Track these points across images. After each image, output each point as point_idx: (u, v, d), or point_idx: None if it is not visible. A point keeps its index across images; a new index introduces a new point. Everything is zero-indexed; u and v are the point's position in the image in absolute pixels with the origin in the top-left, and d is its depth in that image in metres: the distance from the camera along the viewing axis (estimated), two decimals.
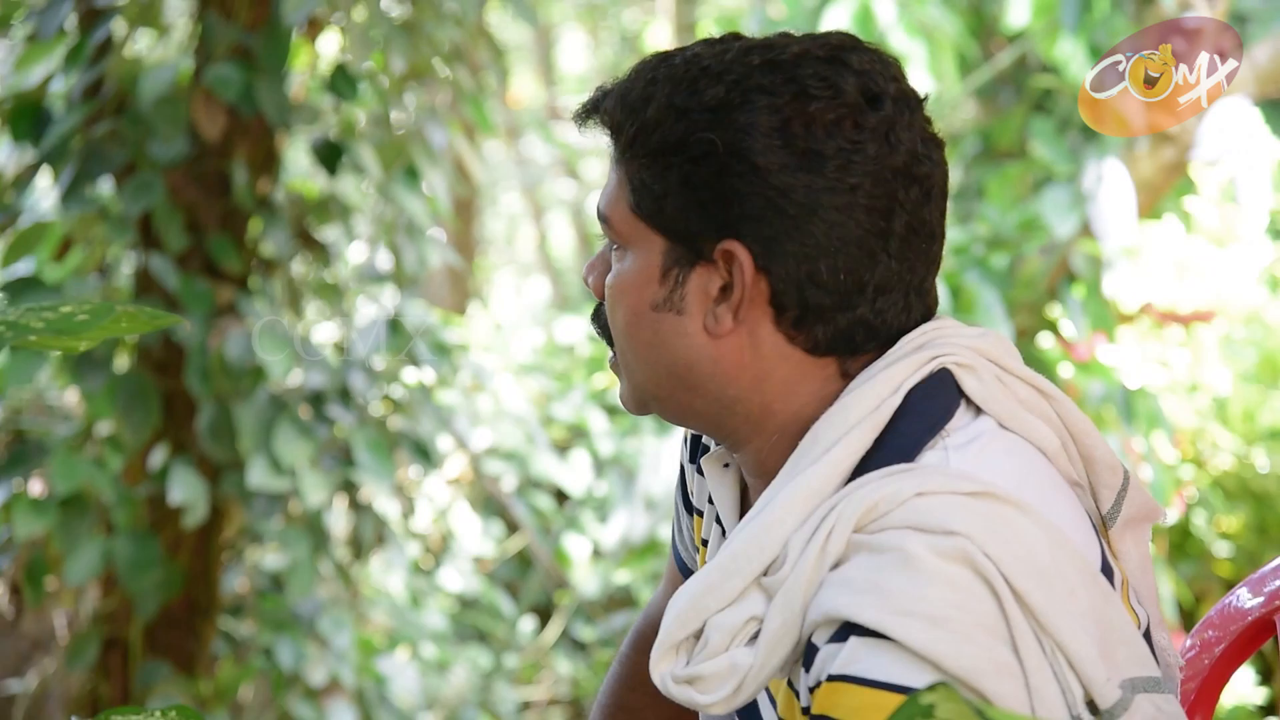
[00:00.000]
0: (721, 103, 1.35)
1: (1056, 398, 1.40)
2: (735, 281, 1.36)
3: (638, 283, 1.40)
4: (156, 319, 1.10)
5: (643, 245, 1.39)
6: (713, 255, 1.37)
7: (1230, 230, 5.30)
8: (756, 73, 1.35)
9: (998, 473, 1.30)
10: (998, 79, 5.78)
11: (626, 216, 1.40)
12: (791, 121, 1.34)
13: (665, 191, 1.37)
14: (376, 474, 3.88)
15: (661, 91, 1.37)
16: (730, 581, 1.31)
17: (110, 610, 3.82)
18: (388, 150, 3.90)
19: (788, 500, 1.31)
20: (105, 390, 3.56)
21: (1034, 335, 4.73)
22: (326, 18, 3.91)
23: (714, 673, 1.30)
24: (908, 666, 1.20)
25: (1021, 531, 1.25)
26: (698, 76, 1.37)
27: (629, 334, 1.41)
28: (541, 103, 11.81)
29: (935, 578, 1.22)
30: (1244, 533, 5.12)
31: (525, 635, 5.65)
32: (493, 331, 6.89)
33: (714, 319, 1.38)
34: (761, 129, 1.34)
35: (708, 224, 1.36)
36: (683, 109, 1.36)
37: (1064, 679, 1.23)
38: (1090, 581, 1.28)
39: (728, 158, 1.34)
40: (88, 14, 3.58)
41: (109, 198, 3.63)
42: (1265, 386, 5.17)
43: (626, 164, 1.39)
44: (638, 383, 1.43)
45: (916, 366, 1.36)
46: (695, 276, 1.38)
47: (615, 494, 5.63)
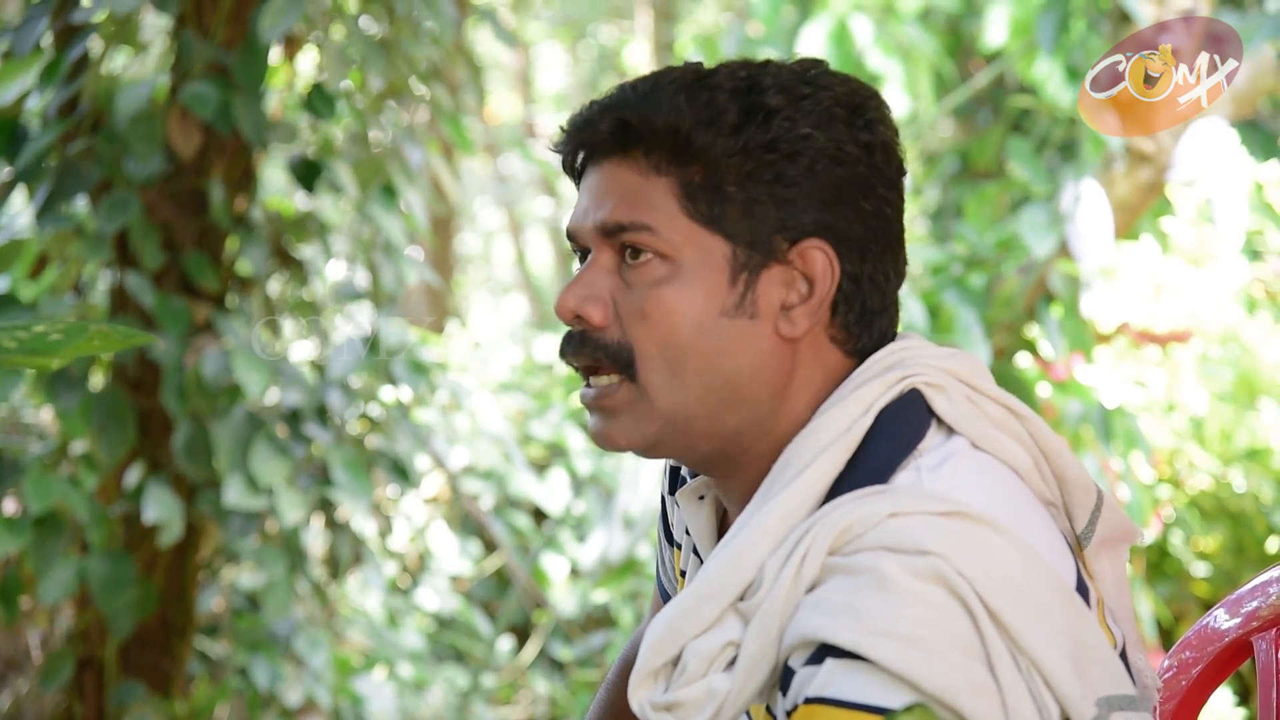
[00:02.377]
0: (783, 106, 1.37)
1: (1028, 418, 1.40)
2: (816, 281, 1.36)
3: (702, 292, 1.37)
4: (129, 337, 1.10)
5: (695, 251, 1.37)
6: (788, 256, 1.36)
7: (1207, 250, 5.31)
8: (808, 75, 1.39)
9: (971, 492, 1.31)
10: (975, 99, 5.80)
11: (677, 224, 1.37)
12: (854, 114, 1.38)
13: (741, 193, 1.36)
14: (353, 493, 3.87)
15: (722, 98, 1.37)
16: (706, 607, 1.31)
17: (84, 629, 3.80)
18: (365, 168, 3.90)
19: (762, 524, 1.31)
20: (80, 408, 3.55)
21: (1012, 355, 4.74)
22: (304, 36, 3.90)
23: (692, 699, 1.29)
24: (884, 687, 1.20)
25: (995, 550, 1.26)
26: (747, 87, 1.38)
27: (687, 350, 1.37)
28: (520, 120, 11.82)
29: (910, 598, 1.22)
30: (1221, 553, 5.12)
31: (503, 655, 5.63)
32: (471, 350, 6.88)
33: (789, 322, 1.37)
34: (836, 120, 1.37)
35: (787, 223, 1.36)
36: (765, 111, 1.37)
37: (1040, 697, 1.23)
38: (1064, 600, 1.28)
39: (818, 153, 1.36)
40: (64, 31, 3.56)
41: (84, 215, 3.62)
42: (1242, 407, 5.18)
43: (681, 170, 1.37)
44: (673, 404, 1.38)
45: (886, 387, 1.36)
46: (765, 279, 1.37)
47: (593, 513, 5.62)
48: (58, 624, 4.01)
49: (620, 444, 1.40)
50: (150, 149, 3.49)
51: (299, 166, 3.84)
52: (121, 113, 3.47)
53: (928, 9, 5.31)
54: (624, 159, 1.39)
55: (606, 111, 1.40)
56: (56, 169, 3.50)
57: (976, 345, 4.27)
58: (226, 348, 3.56)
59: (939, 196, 5.97)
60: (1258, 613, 1.75)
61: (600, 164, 1.41)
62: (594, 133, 1.40)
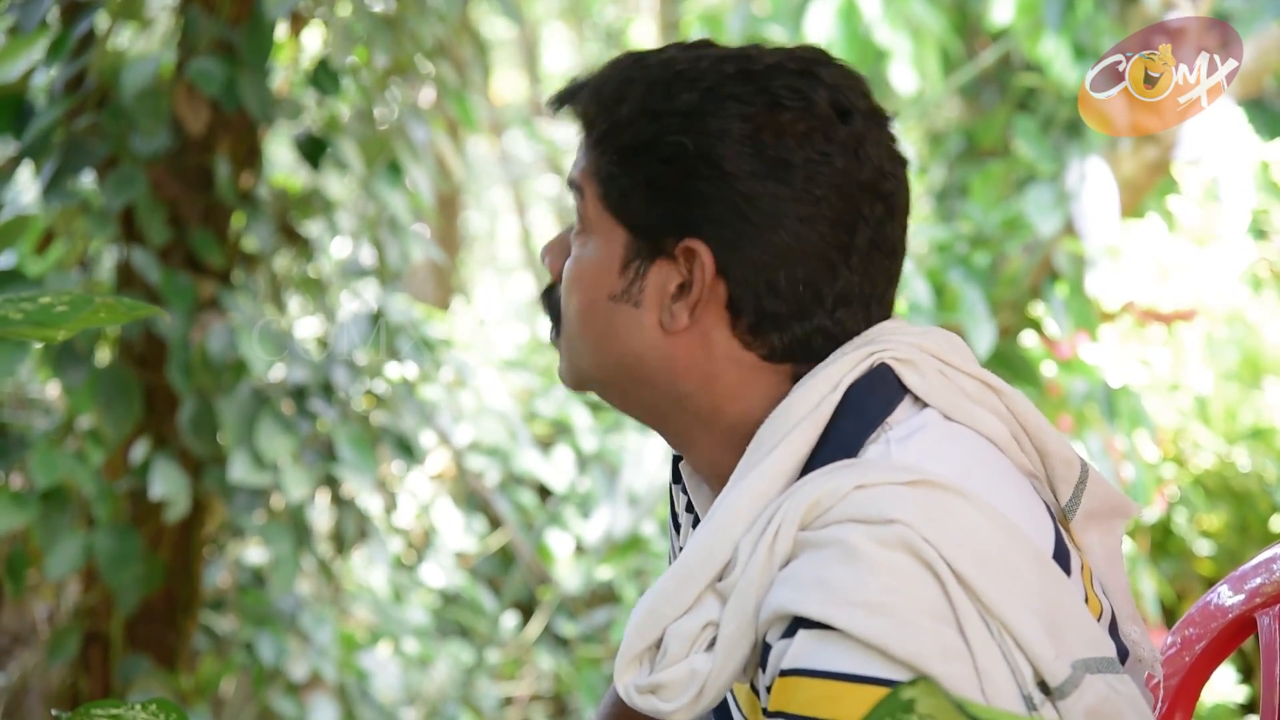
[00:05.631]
0: (695, 108, 1.36)
1: (1005, 392, 1.41)
2: (694, 280, 1.37)
3: (598, 271, 1.40)
4: (135, 310, 1.10)
5: (605, 234, 1.40)
6: (674, 251, 1.38)
7: (1212, 230, 5.31)
8: (730, 81, 1.36)
9: (940, 461, 1.31)
10: (981, 77, 5.79)
11: (594, 204, 1.41)
12: (762, 130, 1.35)
13: (632, 187, 1.38)
14: (359, 469, 3.88)
15: (635, 92, 1.39)
16: (685, 588, 1.32)
17: (91, 605, 3.81)
18: (371, 145, 3.90)
19: (735, 504, 1.33)
20: (87, 384, 3.56)
21: (1017, 333, 4.74)
22: (310, 12, 3.90)
23: (674, 680, 1.31)
24: (855, 655, 1.22)
25: (962, 516, 1.26)
26: (671, 80, 1.38)
27: (582, 321, 1.42)
28: (525, 99, 11.81)
29: (876, 566, 1.23)
30: (1225, 531, 5.13)
31: (507, 631, 5.64)
32: (476, 327, 6.88)
33: (670, 315, 1.39)
34: (733, 135, 1.35)
35: (672, 221, 1.37)
36: (656, 111, 1.37)
37: (1012, 659, 1.24)
38: (1036, 565, 1.29)
39: (697, 161, 1.35)
40: (70, 7, 3.56)
41: (91, 191, 3.62)
42: (1246, 386, 5.19)
43: (597, 156, 1.40)
44: (581, 366, 1.45)
45: (855, 363, 1.37)
46: (654, 271, 1.39)
47: (598, 490, 5.63)
48: (64, 599, 4.02)
49: (564, 381, 1.49)
50: (156, 125, 3.49)
51: (305, 143, 3.85)
52: (128, 89, 3.48)
53: None
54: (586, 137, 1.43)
55: (581, 80, 1.44)
56: (63, 145, 3.50)
57: (981, 324, 4.26)
58: (232, 324, 3.57)
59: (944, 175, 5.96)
60: (1261, 589, 1.75)
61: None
62: (563, 95, 1.45)
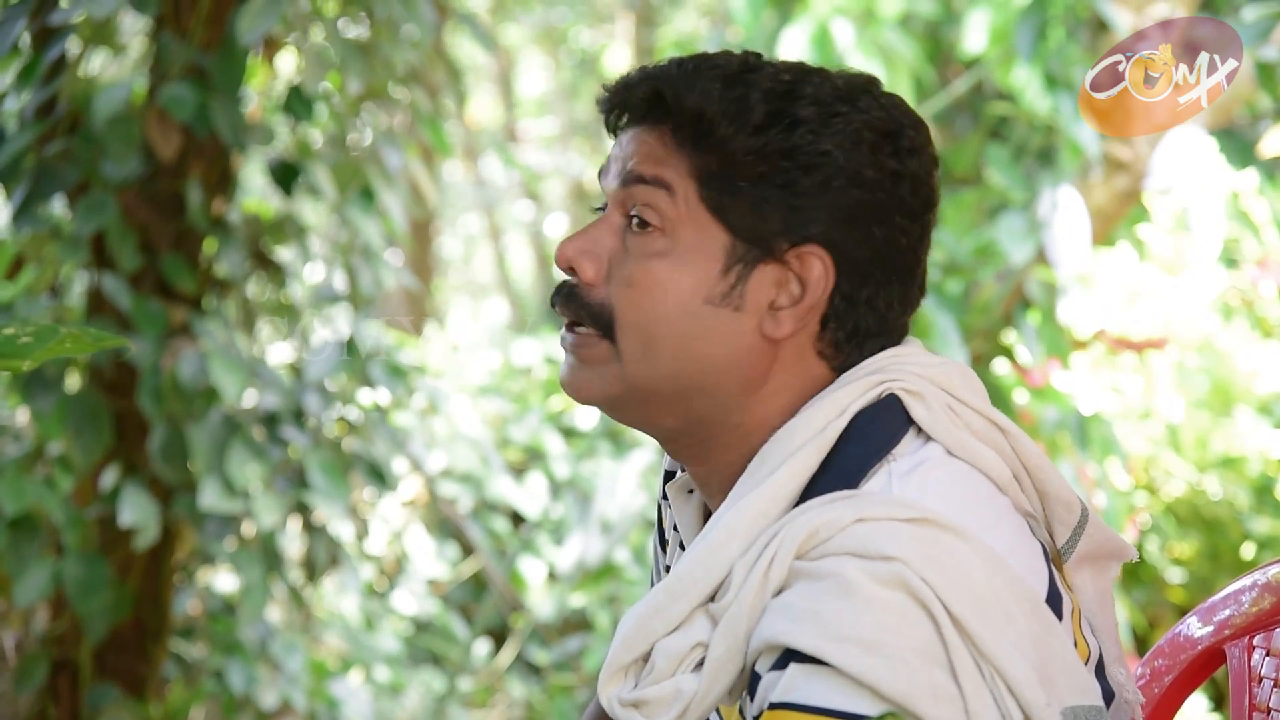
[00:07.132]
0: (827, 116, 1.37)
1: (1012, 433, 1.40)
2: (809, 286, 1.37)
3: (694, 274, 1.38)
4: (101, 340, 1.10)
5: (696, 234, 1.38)
6: (785, 256, 1.37)
7: (1183, 258, 5.33)
8: (844, 95, 1.38)
9: (940, 499, 1.31)
10: (954, 105, 5.81)
11: (688, 201, 1.38)
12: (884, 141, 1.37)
13: (752, 190, 1.37)
14: (330, 496, 3.86)
15: (755, 97, 1.38)
16: (676, 604, 1.32)
17: (60, 632, 3.78)
18: (343, 171, 3.89)
19: (732, 523, 1.32)
20: (56, 410, 3.53)
21: (989, 361, 4.74)
22: (282, 38, 3.90)
23: (659, 697, 1.30)
24: (845, 692, 1.21)
25: (960, 558, 1.26)
26: (790, 89, 1.38)
27: (664, 324, 1.38)
28: (500, 124, 11.82)
29: (871, 603, 1.22)
30: (1196, 559, 5.14)
31: (479, 658, 5.62)
32: (449, 353, 6.87)
33: (774, 322, 1.38)
34: (866, 144, 1.36)
35: (794, 227, 1.37)
36: (795, 119, 1.37)
37: (1004, 704, 1.23)
38: (1030, 609, 1.28)
39: (834, 169, 1.36)
40: (41, 32, 3.55)
41: (61, 217, 3.61)
42: (1217, 414, 5.20)
43: (700, 155, 1.38)
44: (640, 374, 1.39)
45: (864, 390, 1.37)
46: (758, 275, 1.37)
47: (571, 517, 5.62)
48: (32, 626, 3.99)
49: (584, 395, 1.42)
50: (128, 151, 3.48)
51: (277, 169, 3.84)
52: (99, 114, 3.47)
53: (907, 14, 5.32)
54: (654, 128, 1.41)
55: (647, 80, 1.42)
56: (33, 170, 3.49)
57: (954, 351, 4.27)
58: (203, 350, 3.55)
59: None
60: (1230, 621, 1.75)
61: (633, 128, 1.43)
62: (630, 96, 1.43)
